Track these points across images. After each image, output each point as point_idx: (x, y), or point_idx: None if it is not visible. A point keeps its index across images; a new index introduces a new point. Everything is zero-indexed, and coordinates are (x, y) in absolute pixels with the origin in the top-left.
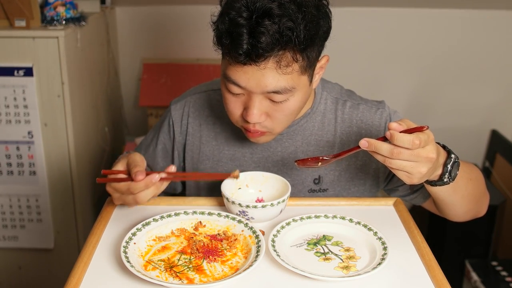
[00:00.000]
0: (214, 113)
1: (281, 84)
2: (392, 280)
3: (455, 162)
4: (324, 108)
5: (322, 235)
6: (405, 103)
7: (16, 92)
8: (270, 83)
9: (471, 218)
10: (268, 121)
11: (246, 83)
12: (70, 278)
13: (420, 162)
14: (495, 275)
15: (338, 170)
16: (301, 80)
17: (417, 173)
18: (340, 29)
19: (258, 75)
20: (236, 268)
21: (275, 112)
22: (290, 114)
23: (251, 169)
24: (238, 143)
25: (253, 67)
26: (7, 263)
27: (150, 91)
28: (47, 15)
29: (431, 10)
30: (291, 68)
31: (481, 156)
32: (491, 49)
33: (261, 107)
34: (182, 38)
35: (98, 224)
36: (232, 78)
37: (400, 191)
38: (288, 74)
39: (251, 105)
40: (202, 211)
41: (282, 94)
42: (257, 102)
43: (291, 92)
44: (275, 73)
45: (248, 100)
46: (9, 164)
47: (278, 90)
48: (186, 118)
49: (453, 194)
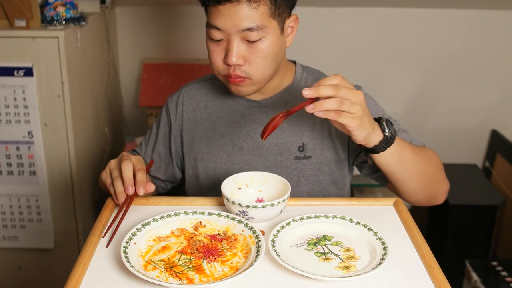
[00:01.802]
0: (205, 98)
1: (252, 21)
2: (392, 280)
3: (388, 121)
4: (305, 85)
5: (322, 235)
6: (405, 103)
7: (16, 92)
8: (242, 19)
9: (427, 202)
10: (246, 65)
11: (223, 24)
12: (70, 278)
13: (351, 96)
14: (495, 275)
15: (320, 138)
16: (271, 24)
17: (357, 111)
18: (340, 29)
19: (232, 13)
20: (236, 268)
21: (252, 54)
22: (265, 58)
23: (241, 141)
24: (228, 119)
25: (227, 6)
26: (7, 263)
27: (150, 91)
28: (47, 15)
29: (430, 10)
30: (260, 4)
31: (481, 156)
32: (491, 49)
33: (239, 50)
34: (182, 38)
35: (98, 224)
36: (212, 23)
37: (366, 168)
38: (257, 10)
39: (230, 47)
40: (202, 211)
41: (255, 31)
42: (235, 45)
43: (262, 31)
44: (247, 9)
45: (227, 45)
46: (9, 164)
47: (251, 27)
48: (181, 106)
49: (401, 164)
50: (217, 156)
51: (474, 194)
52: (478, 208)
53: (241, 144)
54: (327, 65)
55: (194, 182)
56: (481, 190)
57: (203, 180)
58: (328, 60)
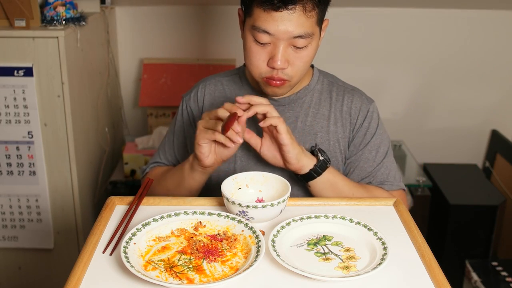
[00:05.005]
0: (223, 94)
1: (305, 29)
2: (392, 280)
3: (321, 149)
4: (321, 87)
5: (322, 235)
6: (405, 103)
7: (16, 92)
8: (297, 27)
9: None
10: (289, 68)
11: (275, 29)
12: (70, 278)
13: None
14: (495, 275)
15: (333, 141)
16: (316, 30)
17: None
18: (340, 29)
19: (287, 20)
20: (236, 268)
21: (296, 59)
22: (307, 63)
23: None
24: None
25: (283, 13)
26: (7, 263)
27: (150, 91)
28: (47, 15)
29: (431, 10)
30: (313, 13)
31: (481, 156)
32: (491, 49)
33: (285, 53)
34: (182, 38)
35: (98, 224)
36: (262, 27)
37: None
38: (311, 18)
39: (277, 52)
40: (202, 211)
41: (305, 39)
42: (282, 49)
43: (310, 38)
44: (302, 18)
45: (274, 49)
46: (9, 164)
47: (303, 34)
48: (201, 101)
49: (333, 192)
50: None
51: (474, 194)
52: (478, 208)
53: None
54: (327, 65)
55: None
56: (481, 190)
57: (214, 177)
58: (328, 60)
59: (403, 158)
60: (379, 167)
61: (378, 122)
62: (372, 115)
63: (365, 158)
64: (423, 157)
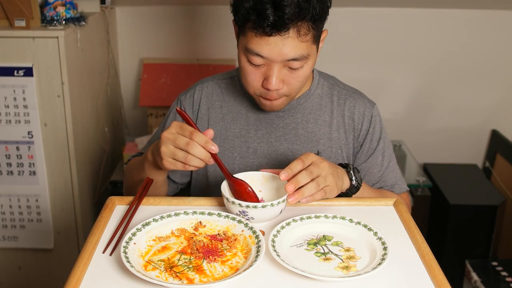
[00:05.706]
0: (221, 98)
1: (299, 52)
2: (392, 280)
3: (354, 168)
4: (321, 92)
5: (322, 235)
6: (405, 103)
7: (16, 92)
8: (291, 51)
9: None
10: (284, 88)
11: (269, 53)
12: (70, 278)
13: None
14: (495, 275)
15: (335, 147)
16: (313, 48)
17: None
18: (340, 29)
19: (280, 45)
20: (236, 268)
21: (291, 79)
22: (303, 80)
23: (256, 144)
24: (243, 121)
25: (276, 37)
26: (7, 263)
27: (150, 91)
28: (47, 15)
29: (431, 10)
30: (308, 36)
31: (481, 156)
32: (491, 49)
33: (280, 75)
34: (182, 38)
35: (98, 224)
36: (255, 50)
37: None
38: (305, 42)
39: (271, 74)
40: (202, 211)
41: (299, 61)
42: (277, 71)
43: (306, 60)
44: (296, 41)
45: (268, 70)
46: (9, 164)
47: (297, 57)
48: (197, 104)
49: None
50: (230, 157)
51: (474, 194)
52: (478, 208)
53: (255, 147)
54: (327, 66)
55: (203, 181)
56: (481, 190)
57: (212, 180)
58: (328, 60)
59: (403, 158)
60: (388, 171)
61: (381, 126)
62: (375, 120)
63: (374, 163)
64: (423, 157)
